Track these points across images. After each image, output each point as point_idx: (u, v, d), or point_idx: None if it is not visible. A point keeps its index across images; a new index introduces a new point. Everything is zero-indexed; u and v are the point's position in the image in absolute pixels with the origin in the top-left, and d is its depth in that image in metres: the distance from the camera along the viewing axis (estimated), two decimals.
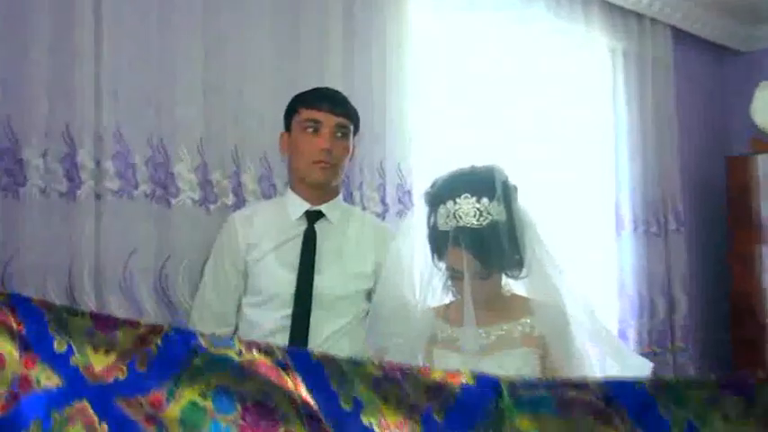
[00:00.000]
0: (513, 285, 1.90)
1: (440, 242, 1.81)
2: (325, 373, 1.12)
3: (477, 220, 1.74)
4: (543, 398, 1.04)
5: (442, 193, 1.80)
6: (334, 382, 1.11)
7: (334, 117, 2.15)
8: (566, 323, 1.84)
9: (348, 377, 1.10)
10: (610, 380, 1.09)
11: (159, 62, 2.26)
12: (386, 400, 1.09)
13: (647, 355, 3.03)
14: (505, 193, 1.79)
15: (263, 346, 1.17)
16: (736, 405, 0.95)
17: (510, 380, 1.06)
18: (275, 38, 2.50)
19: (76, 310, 1.34)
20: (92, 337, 1.23)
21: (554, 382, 1.15)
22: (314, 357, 1.15)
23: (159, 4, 2.26)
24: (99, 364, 1.21)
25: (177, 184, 2.27)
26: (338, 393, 1.10)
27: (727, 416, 0.95)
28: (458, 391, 1.07)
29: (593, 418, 1.00)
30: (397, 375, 1.09)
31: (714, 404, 0.96)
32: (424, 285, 1.90)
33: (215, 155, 2.35)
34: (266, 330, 2.09)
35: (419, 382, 1.09)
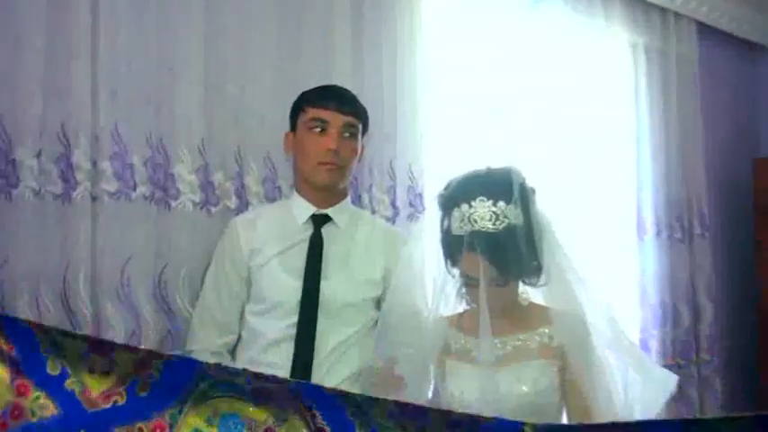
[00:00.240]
0: (531, 293, 1.89)
1: (454, 247, 1.80)
2: (341, 404, 1.11)
3: (494, 224, 1.73)
4: None
5: (457, 195, 1.79)
6: (349, 412, 1.10)
7: (341, 116, 2.14)
8: (586, 333, 1.83)
9: (363, 408, 1.10)
10: (640, 422, 1.08)
11: (158, 59, 2.26)
12: (404, 429, 1.08)
13: (670, 367, 3.02)
14: (523, 196, 1.78)
15: (272, 377, 1.17)
16: None
17: (535, 424, 1.06)
18: (279, 34, 2.50)
19: (69, 332, 1.33)
20: (87, 360, 1.21)
21: (580, 427, 1.14)
22: (327, 391, 1.15)
23: None
24: (96, 388, 1.20)
25: (177, 186, 2.27)
26: (354, 423, 1.10)
27: None
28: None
29: None
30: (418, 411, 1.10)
31: None
32: (437, 293, 1.89)
33: (217, 155, 2.35)
34: (270, 340, 2.09)
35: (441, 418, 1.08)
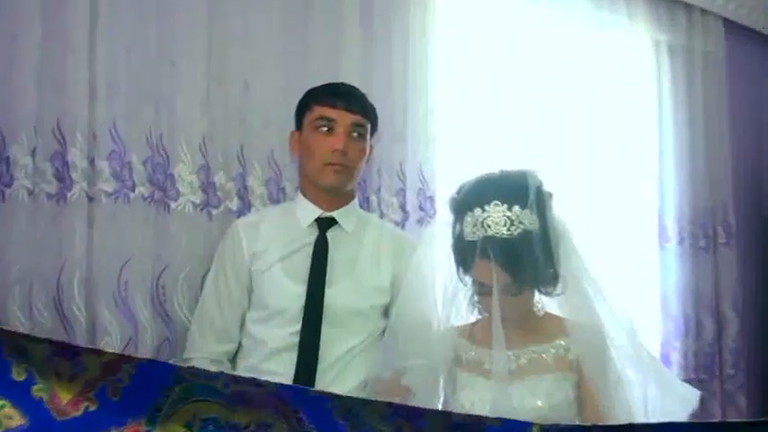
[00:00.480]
0: (546, 303, 1.88)
1: (466, 253, 1.79)
2: (328, 406, 1.10)
3: (508, 229, 1.73)
4: None
5: (469, 199, 1.79)
6: (338, 414, 1.09)
7: (349, 115, 2.14)
8: (603, 345, 1.83)
9: (354, 410, 1.09)
10: (659, 424, 1.07)
11: (159, 52, 2.26)
12: (400, 431, 1.07)
13: (692, 382, 2.99)
14: (539, 201, 1.78)
15: (251, 379, 1.16)
16: None
17: (542, 426, 1.04)
18: (285, 28, 2.50)
19: (31, 335, 1.31)
20: (53, 364, 1.20)
21: (593, 428, 1.13)
22: (312, 393, 1.14)
23: None
24: (65, 394, 1.18)
25: (177, 187, 2.27)
26: (344, 425, 1.09)
27: None
28: None
29: None
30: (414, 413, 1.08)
31: None
32: (448, 301, 1.88)
33: (218, 155, 2.35)
34: (272, 348, 2.09)
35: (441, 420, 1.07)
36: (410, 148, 2.70)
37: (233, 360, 2.16)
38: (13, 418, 1.18)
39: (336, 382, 2.06)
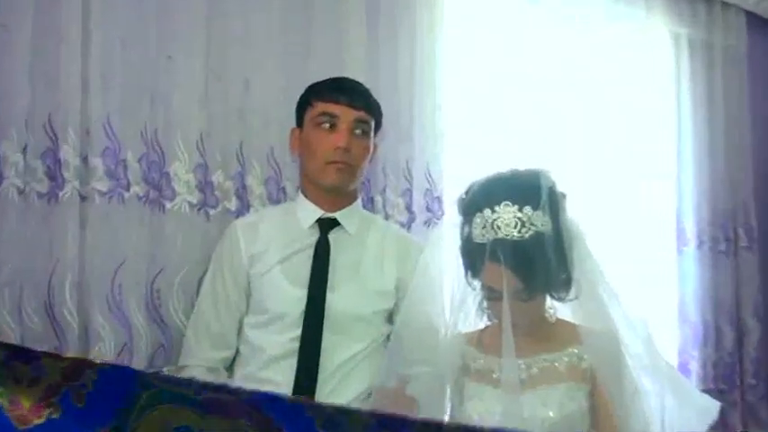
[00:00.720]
0: (559, 309, 1.88)
1: (475, 256, 1.79)
2: (308, 415, 1.09)
3: (519, 231, 1.72)
4: None
5: (479, 199, 1.79)
6: (318, 424, 1.08)
7: (352, 111, 2.14)
8: (619, 354, 1.83)
9: (335, 419, 1.08)
10: None
11: (156, 46, 2.26)
12: None
13: (711, 393, 2.98)
14: (552, 202, 1.77)
15: (223, 386, 1.15)
16: None
17: None
18: (287, 22, 2.50)
19: None
20: (12, 369, 1.17)
21: None
22: (290, 401, 1.13)
23: None
24: (26, 401, 1.16)
25: (173, 186, 2.27)
26: None
27: None
28: None
29: None
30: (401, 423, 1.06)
31: None
32: (456, 307, 1.88)
33: (216, 153, 2.35)
34: (271, 355, 2.08)
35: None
36: (417, 147, 2.70)
37: (230, 368, 2.16)
38: None
39: (338, 390, 2.06)
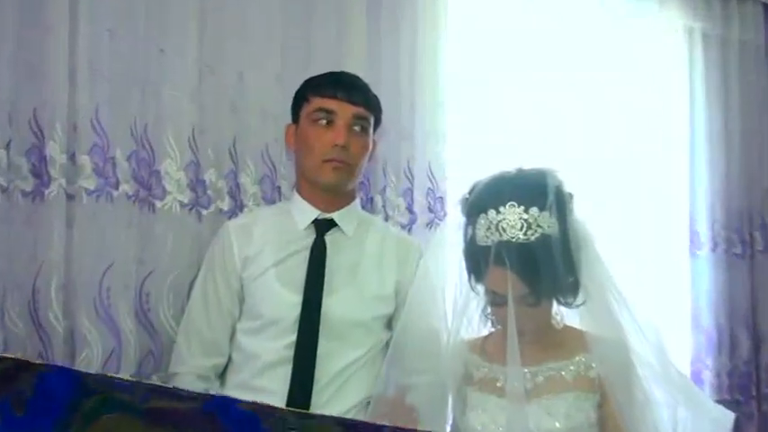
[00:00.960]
0: (566, 315, 1.88)
1: (478, 260, 1.79)
2: (269, 424, 1.08)
3: (525, 233, 1.72)
4: None
5: (483, 200, 1.79)
6: None
7: (350, 107, 2.14)
8: (629, 362, 1.83)
9: (299, 428, 1.07)
10: None
11: (147, 37, 2.26)
12: None
13: (726, 403, 2.98)
14: (559, 202, 1.77)
15: (174, 390, 1.14)
16: None
17: None
18: (285, 14, 2.50)
19: None
20: None
21: None
22: (248, 407, 1.12)
23: None
24: None
25: (163, 185, 2.28)
26: None
27: None
28: None
29: None
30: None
31: None
32: (458, 312, 1.88)
33: (209, 150, 2.36)
34: (265, 362, 2.08)
35: None
36: (418, 145, 2.70)
37: (222, 375, 2.16)
38: None
39: (334, 400, 2.05)
